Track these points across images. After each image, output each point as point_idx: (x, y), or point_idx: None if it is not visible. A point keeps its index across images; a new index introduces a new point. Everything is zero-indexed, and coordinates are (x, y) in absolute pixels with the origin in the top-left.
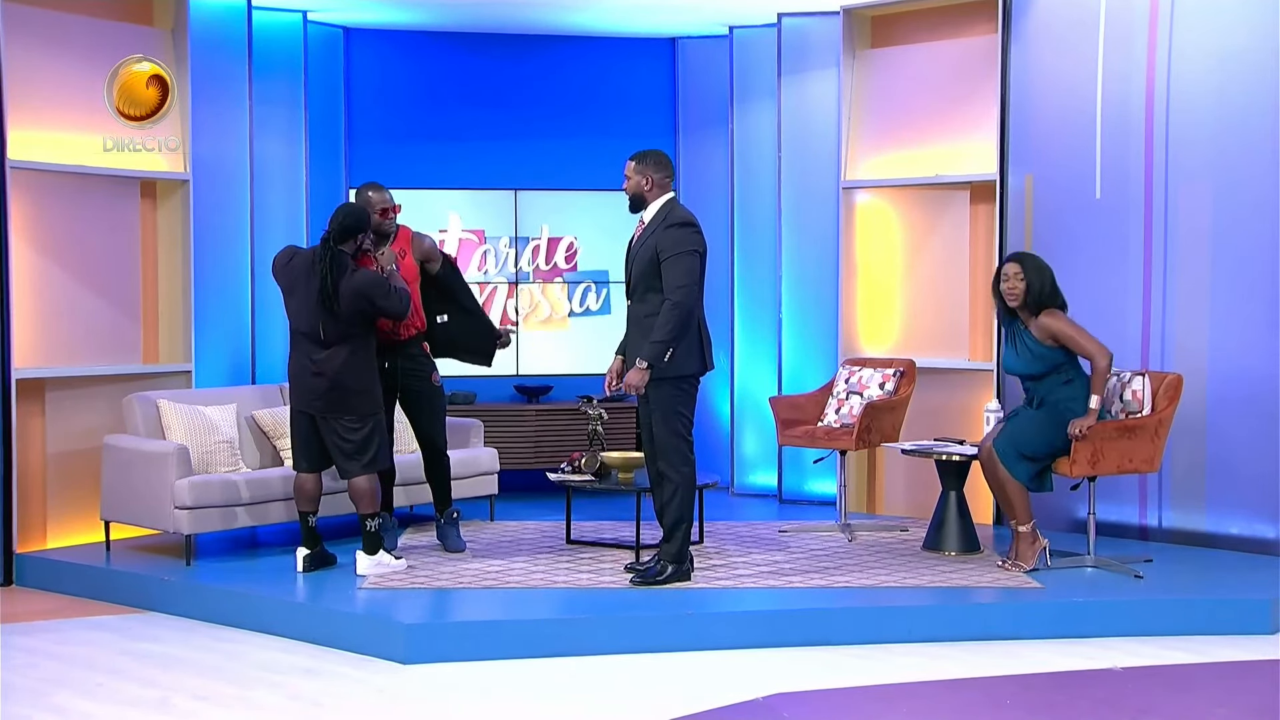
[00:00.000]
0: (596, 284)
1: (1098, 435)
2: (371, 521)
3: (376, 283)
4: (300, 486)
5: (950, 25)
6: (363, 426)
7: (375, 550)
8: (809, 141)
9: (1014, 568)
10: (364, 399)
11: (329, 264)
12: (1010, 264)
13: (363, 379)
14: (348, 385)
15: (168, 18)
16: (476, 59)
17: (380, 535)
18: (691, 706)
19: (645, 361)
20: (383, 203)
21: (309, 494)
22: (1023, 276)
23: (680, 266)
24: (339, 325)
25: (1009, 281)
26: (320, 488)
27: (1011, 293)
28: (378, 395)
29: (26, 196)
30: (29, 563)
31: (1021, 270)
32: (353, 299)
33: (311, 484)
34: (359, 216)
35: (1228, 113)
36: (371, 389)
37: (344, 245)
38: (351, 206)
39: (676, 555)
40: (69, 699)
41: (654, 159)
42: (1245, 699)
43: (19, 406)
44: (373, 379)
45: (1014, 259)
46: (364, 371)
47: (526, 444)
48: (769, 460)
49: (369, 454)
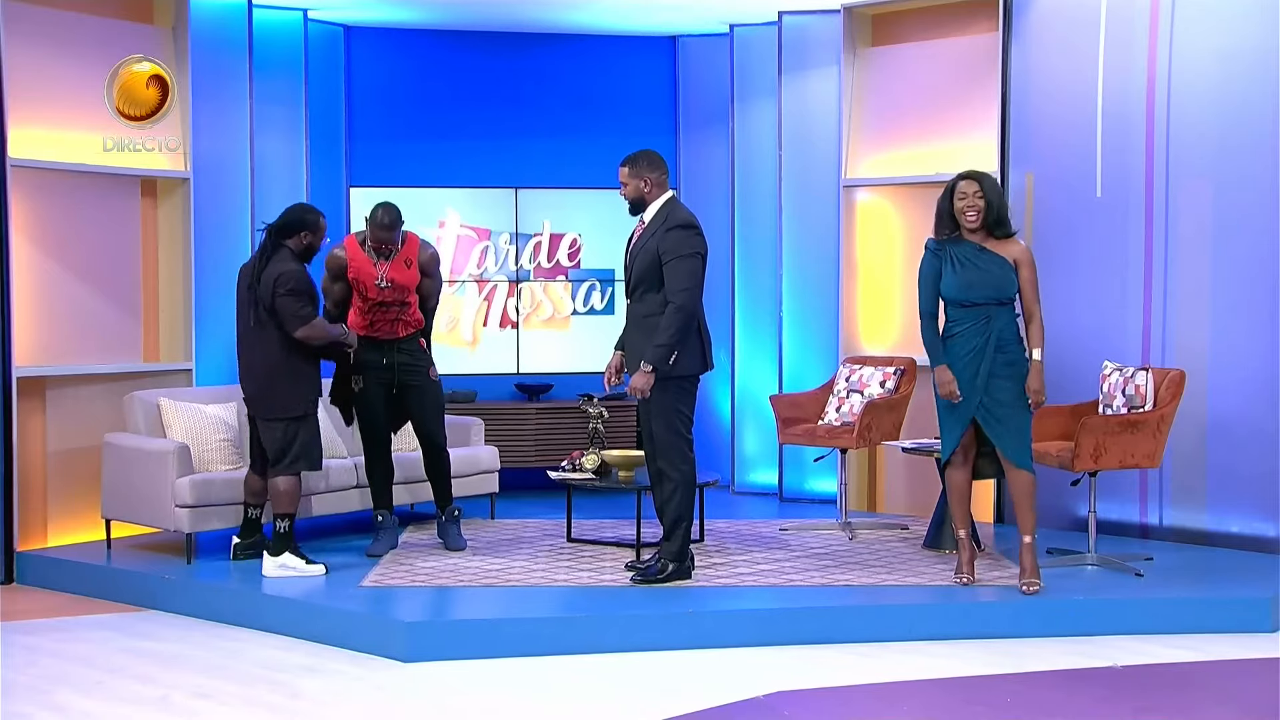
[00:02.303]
0: (601, 283)
1: (1100, 430)
2: (281, 523)
3: (292, 278)
4: (245, 481)
5: (951, 24)
6: (285, 426)
7: (279, 552)
8: (809, 140)
9: (1030, 587)
10: (288, 399)
11: (262, 251)
12: (967, 181)
13: (286, 379)
14: (270, 384)
15: (168, 16)
16: (477, 57)
17: (288, 538)
18: (692, 705)
19: (649, 365)
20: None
21: (251, 489)
22: (981, 195)
23: (683, 269)
24: (259, 316)
25: (966, 199)
26: (265, 485)
27: (972, 210)
28: (304, 395)
29: (27, 195)
30: (30, 561)
31: (980, 189)
32: (269, 285)
33: (255, 481)
34: (300, 216)
35: (1229, 111)
36: (297, 389)
37: (288, 241)
38: (299, 206)
39: (677, 554)
40: (69, 697)
41: (646, 160)
42: (1245, 697)
43: (20, 405)
44: (298, 379)
45: (971, 176)
46: (287, 372)
47: (527, 442)
48: (769, 458)
49: (290, 455)
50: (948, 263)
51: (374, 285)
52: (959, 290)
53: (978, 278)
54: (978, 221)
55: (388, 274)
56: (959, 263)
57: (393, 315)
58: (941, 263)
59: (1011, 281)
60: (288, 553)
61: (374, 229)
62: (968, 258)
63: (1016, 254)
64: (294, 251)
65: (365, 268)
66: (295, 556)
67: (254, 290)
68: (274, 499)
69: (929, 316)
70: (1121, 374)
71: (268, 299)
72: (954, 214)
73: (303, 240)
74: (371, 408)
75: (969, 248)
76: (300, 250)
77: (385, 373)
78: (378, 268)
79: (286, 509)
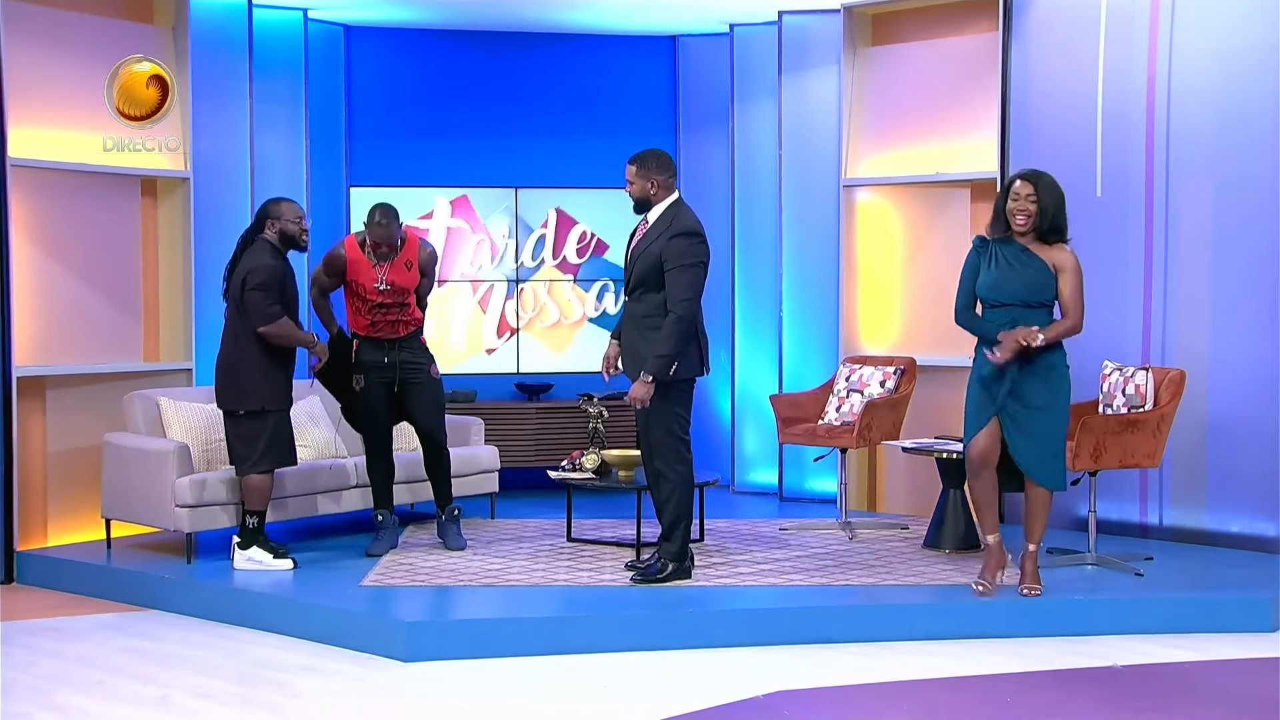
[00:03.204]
0: (616, 283)
1: (1100, 429)
2: (251, 519)
3: (263, 273)
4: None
5: (951, 23)
6: (248, 423)
7: (248, 546)
8: (810, 139)
9: (1030, 591)
10: (248, 394)
11: (242, 245)
12: (1023, 182)
13: (250, 372)
14: (232, 376)
15: (168, 15)
16: (477, 57)
17: (257, 533)
18: (692, 704)
19: (650, 375)
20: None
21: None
22: (1035, 198)
23: (685, 279)
24: (230, 308)
25: (1019, 201)
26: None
27: (1022, 214)
28: (268, 392)
29: (27, 195)
30: (30, 560)
31: (1035, 192)
32: (240, 278)
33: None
34: (263, 207)
35: (1229, 110)
36: (260, 385)
37: (264, 234)
38: (271, 199)
39: (677, 553)
40: (69, 696)
41: (655, 161)
42: (1245, 697)
43: (20, 404)
44: (263, 375)
45: (1027, 177)
46: (251, 365)
47: (527, 442)
48: (769, 458)
49: (257, 452)
50: (987, 260)
51: (373, 288)
52: (987, 289)
53: (1008, 278)
54: (1026, 225)
55: (387, 276)
56: (996, 262)
57: (392, 316)
58: (981, 260)
59: (1046, 286)
60: (256, 546)
61: (372, 230)
62: (1008, 258)
63: (1059, 260)
64: (272, 245)
65: (364, 270)
66: (263, 550)
67: (228, 282)
68: (245, 495)
69: (961, 310)
70: (1121, 374)
71: (237, 292)
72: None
73: (274, 228)
74: (373, 407)
75: (1014, 248)
76: (279, 241)
77: (387, 371)
78: (377, 270)
79: (256, 506)
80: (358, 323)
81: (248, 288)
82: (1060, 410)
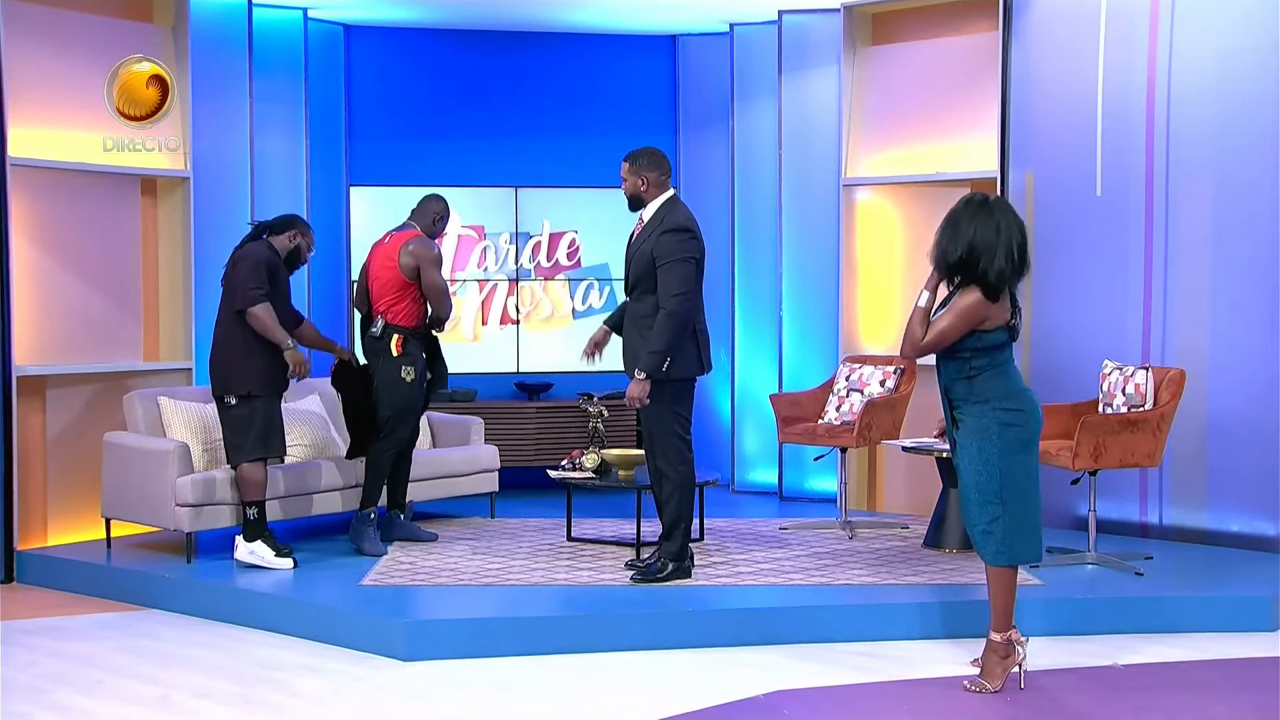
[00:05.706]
0: (599, 281)
1: (1100, 429)
2: (251, 510)
3: (256, 257)
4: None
5: (951, 23)
6: (236, 410)
7: (253, 539)
8: (810, 139)
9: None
10: (235, 379)
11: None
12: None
13: (238, 356)
14: (220, 361)
15: (168, 15)
16: (477, 56)
17: (257, 525)
18: (691, 704)
19: (644, 373)
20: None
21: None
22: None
23: (675, 275)
24: (223, 295)
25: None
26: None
27: None
28: (257, 377)
29: (27, 194)
30: (30, 560)
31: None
32: (233, 257)
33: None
34: (294, 216)
35: (1228, 110)
36: (248, 373)
37: (276, 237)
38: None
39: (677, 553)
40: (69, 696)
41: (647, 158)
42: (1245, 696)
43: (20, 403)
44: (250, 361)
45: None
46: (239, 349)
47: (527, 441)
48: (769, 457)
49: (246, 440)
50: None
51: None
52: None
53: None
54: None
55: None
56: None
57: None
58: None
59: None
60: (260, 541)
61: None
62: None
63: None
64: (277, 250)
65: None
66: (266, 546)
67: (227, 270)
68: (241, 487)
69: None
70: (1121, 373)
71: (228, 271)
72: None
73: (292, 240)
74: (416, 400)
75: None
76: (287, 251)
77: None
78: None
79: (254, 497)
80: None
81: (236, 264)
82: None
